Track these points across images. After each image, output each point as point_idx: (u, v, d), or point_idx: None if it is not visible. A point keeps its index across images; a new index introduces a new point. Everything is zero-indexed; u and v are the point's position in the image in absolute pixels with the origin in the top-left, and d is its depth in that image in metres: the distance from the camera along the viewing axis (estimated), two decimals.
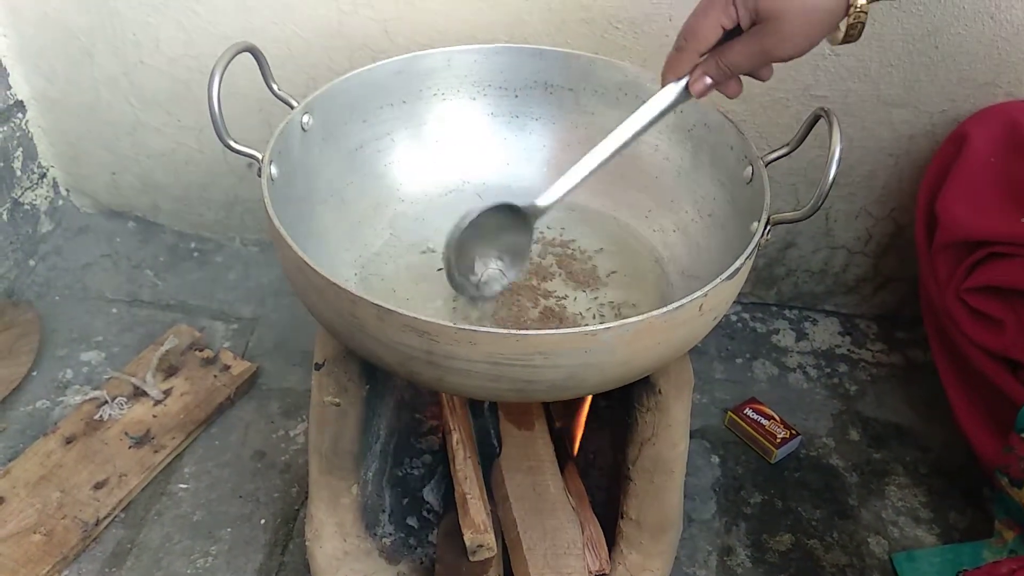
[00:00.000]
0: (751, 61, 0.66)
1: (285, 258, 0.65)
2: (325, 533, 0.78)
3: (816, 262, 1.18)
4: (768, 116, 1.03)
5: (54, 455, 0.93)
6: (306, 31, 1.04)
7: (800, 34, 0.63)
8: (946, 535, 0.95)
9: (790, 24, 0.62)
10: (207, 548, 0.88)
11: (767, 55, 0.65)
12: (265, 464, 0.97)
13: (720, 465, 1.01)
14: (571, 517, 0.79)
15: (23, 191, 1.19)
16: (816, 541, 0.93)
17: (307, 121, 0.78)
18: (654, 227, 0.88)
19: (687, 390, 0.78)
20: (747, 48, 0.65)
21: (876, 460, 1.03)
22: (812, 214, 0.64)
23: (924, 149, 1.04)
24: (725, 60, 0.66)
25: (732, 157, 0.78)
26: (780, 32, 0.63)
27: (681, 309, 0.60)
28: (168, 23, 1.06)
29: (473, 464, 0.80)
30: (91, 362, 1.07)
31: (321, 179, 0.82)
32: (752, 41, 0.64)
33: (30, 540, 0.85)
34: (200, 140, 1.17)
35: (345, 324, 0.63)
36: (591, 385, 0.65)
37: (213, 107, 0.66)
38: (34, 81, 1.15)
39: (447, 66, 0.88)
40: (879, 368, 1.15)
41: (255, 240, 1.27)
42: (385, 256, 0.84)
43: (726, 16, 0.64)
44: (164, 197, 1.25)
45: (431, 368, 0.61)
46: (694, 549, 0.91)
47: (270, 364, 1.09)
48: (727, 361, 1.15)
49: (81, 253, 1.23)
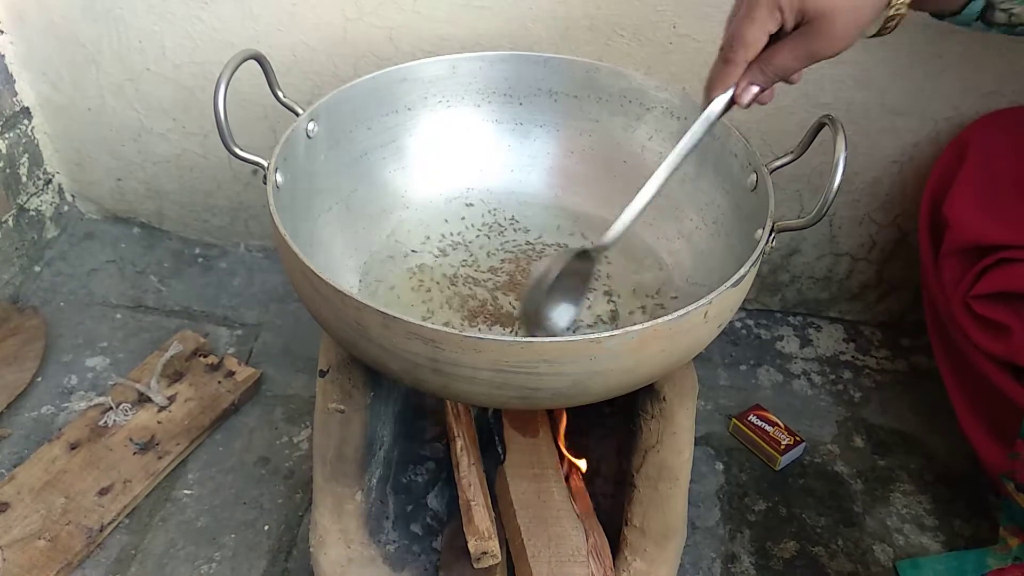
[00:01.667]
0: (798, 63, 0.64)
1: (290, 265, 0.65)
2: (329, 540, 0.78)
3: (820, 269, 1.18)
4: (772, 123, 1.03)
5: (59, 461, 0.94)
6: (311, 38, 1.04)
7: (849, 31, 0.62)
8: (951, 542, 0.95)
9: (838, 22, 0.61)
10: (211, 554, 0.88)
11: (814, 56, 0.63)
12: (269, 470, 0.97)
13: (724, 472, 1.01)
14: (575, 524, 0.79)
15: (29, 197, 1.20)
16: (821, 548, 0.93)
17: (312, 128, 0.78)
18: (658, 234, 0.88)
19: (691, 397, 0.78)
20: (794, 51, 0.63)
21: (881, 467, 1.03)
22: (817, 222, 0.64)
23: (928, 156, 1.04)
24: (772, 66, 0.64)
25: (736, 164, 0.78)
26: (829, 31, 0.61)
27: (686, 317, 0.60)
28: (174, 30, 1.06)
29: (477, 471, 0.80)
30: (96, 368, 1.08)
31: (326, 186, 0.82)
32: (800, 43, 0.63)
33: (35, 546, 0.85)
34: (205, 146, 1.17)
35: (350, 331, 0.63)
36: (596, 392, 0.65)
37: (219, 115, 0.66)
38: (40, 88, 1.16)
39: (452, 73, 0.88)
40: (883, 375, 1.15)
41: (259, 246, 1.28)
42: (390, 263, 0.84)
43: (772, 20, 0.62)
44: (169, 203, 1.25)
45: (436, 375, 0.61)
46: (698, 556, 0.91)
47: (274, 370, 1.09)
48: (731, 368, 1.15)
49: (86, 259, 1.24)
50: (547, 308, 0.71)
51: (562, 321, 0.73)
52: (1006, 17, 0.70)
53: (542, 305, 0.70)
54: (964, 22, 0.71)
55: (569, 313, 0.74)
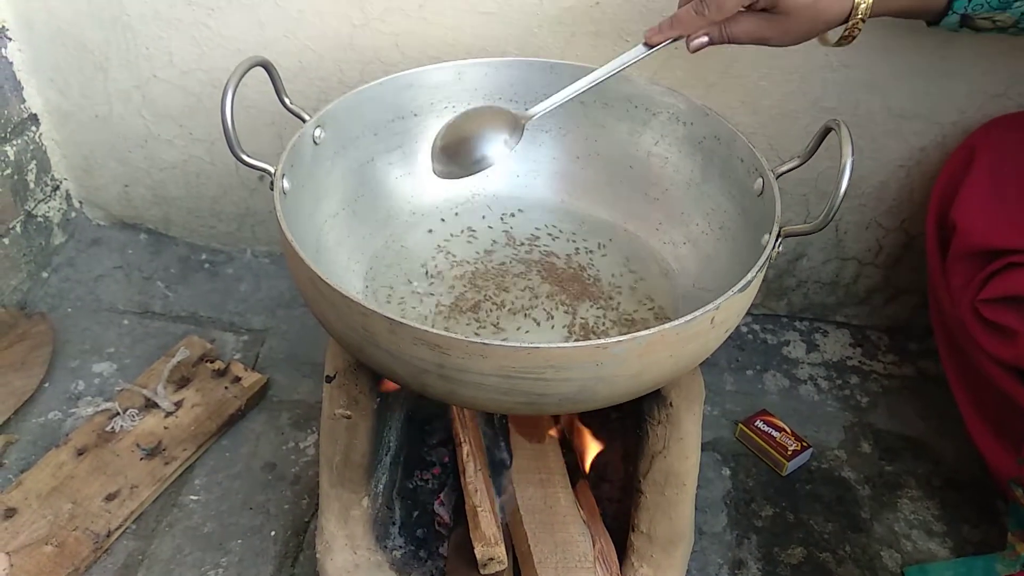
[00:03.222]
0: (748, 38, 0.72)
1: (297, 270, 0.66)
2: (336, 545, 0.78)
3: (827, 273, 1.18)
4: (778, 128, 1.03)
5: (66, 466, 0.94)
6: (318, 45, 1.04)
7: (801, 33, 0.72)
8: (959, 548, 0.94)
9: (798, 23, 0.70)
10: (218, 560, 0.88)
11: (765, 40, 0.73)
12: (275, 476, 0.97)
13: (731, 478, 1.00)
14: (582, 530, 0.79)
15: (36, 203, 1.20)
16: (828, 554, 0.93)
17: (319, 135, 0.78)
18: (665, 239, 0.88)
19: (698, 403, 0.78)
20: (752, 27, 0.72)
21: (888, 472, 1.02)
22: (823, 226, 0.63)
23: (935, 160, 1.04)
24: (729, 29, 0.72)
25: (742, 170, 0.78)
26: (788, 27, 0.71)
27: (692, 322, 0.60)
28: (181, 37, 1.07)
29: (484, 476, 0.80)
30: (103, 373, 1.08)
31: (332, 192, 0.83)
32: (760, 24, 0.71)
33: (42, 552, 0.85)
34: (212, 153, 1.18)
35: (356, 337, 0.63)
36: (602, 398, 0.65)
37: (226, 121, 0.66)
38: (48, 95, 1.16)
39: (458, 79, 0.88)
40: (891, 380, 1.15)
41: (266, 252, 1.28)
42: (396, 268, 0.84)
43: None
44: (176, 209, 1.26)
45: (443, 381, 0.61)
46: (705, 562, 0.91)
47: (281, 376, 1.09)
48: (738, 373, 1.14)
49: (93, 265, 1.24)
50: (464, 144, 0.75)
51: (473, 153, 0.76)
52: (990, 23, 0.76)
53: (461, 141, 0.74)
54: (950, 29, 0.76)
55: (480, 148, 0.76)
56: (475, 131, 0.74)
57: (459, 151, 0.74)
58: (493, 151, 0.74)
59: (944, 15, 0.77)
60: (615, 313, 0.81)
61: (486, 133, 0.74)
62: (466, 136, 0.74)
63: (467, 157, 0.74)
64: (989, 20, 0.76)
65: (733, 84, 1.00)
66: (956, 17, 0.76)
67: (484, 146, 0.74)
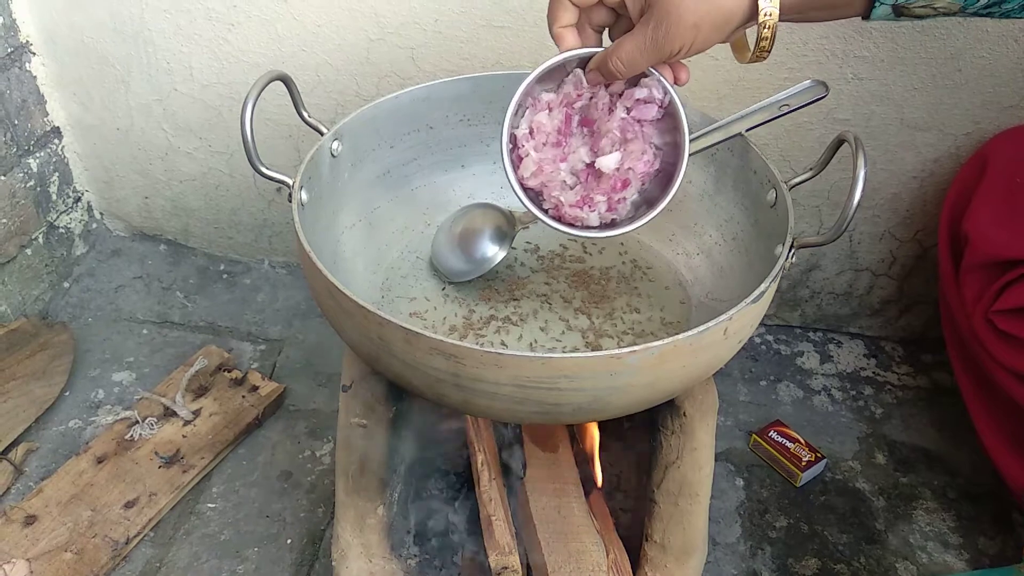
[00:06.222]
0: (646, 56, 0.63)
1: (314, 280, 0.66)
2: (351, 554, 0.79)
3: (840, 284, 1.18)
4: (792, 139, 1.04)
5: (86, 474, 0.95)
6: (335, 59, 1.06)
7: (688, 26, 0.60)
8: (975, 561, 0.94)
9: (676, 13, 0.59)
10: (234, 567, 0.89)
11: (659, 50, 0.62)
12: (292, 484, 0.98)
13: (745, 488, 1.00)
14: (595, 540, 0.79)
15: (58, 215, 1.22)
16: (843, 566, 0.92)
17: (336, 147, 0.79)
18: (678, 250, 0.88)
19: (712, 413, 0.79)
20: (639, 41, 0.62)
21: (903, 484, 1.02)
22: (836, 238, 0.63)
23: (949, 171, 1.04)
24: (619, 55, 0.64)
25: (755, 181, 0.78)
26: (667, 22, 0.60)
27: (706, 332, 0.60)
28: (201, 52, 1.08)
29: (498, 486, 0.81)
30: (122, 382, 1.09)
31: (349, 204, 0.83)
32: (642, 33, 0.62)
33: (61, 558, 0.86)
34: (231, 165, 1.19)
35: (372, 346, 0.64)
36: (616, 408, 0.65)
37: (246, 134, 0.67)
38: (71, 108, 1.18)
39: (473, 92, 0.89)
40: (905, 391, 1.15)
41: (283, 262, 1.29)
42: (412, 279, 0.85)
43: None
44: (195, 220, 1.27)
45: (458, 391, 0.62)
46: (719, 573, 0.91)
47: (297, 385, 1.10)
48: (751, 383, 1.15)
49: (114, 275, 1.26)
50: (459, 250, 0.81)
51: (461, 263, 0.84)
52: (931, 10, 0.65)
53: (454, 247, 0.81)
54: (887, 19, 0.65)
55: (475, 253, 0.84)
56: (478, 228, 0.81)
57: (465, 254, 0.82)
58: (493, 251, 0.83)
59: (872, 6, 0.64)
60: (629, 323, 0.81)
61: (486, 231, 0.81)
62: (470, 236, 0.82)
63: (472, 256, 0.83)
64: (928, 7, 0.64)
65: (744, 96, 1.00)
66: (887, 8, 0.64)
67: (485, 246, 0.83)
